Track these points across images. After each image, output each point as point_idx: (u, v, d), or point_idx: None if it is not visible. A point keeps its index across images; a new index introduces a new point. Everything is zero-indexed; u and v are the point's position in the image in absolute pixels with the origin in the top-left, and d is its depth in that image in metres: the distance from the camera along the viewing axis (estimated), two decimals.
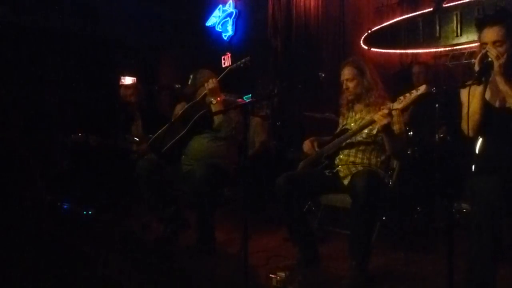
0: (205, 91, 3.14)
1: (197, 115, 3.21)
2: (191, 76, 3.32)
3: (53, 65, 6.66)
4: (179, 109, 3.43)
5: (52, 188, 4.20)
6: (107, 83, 6.75)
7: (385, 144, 2.52)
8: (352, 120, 2.79)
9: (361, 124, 2.64)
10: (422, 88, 2.22)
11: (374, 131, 2.59)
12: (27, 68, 6.38)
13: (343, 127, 2.81)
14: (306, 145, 2.85)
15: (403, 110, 2.34)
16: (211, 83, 3.10)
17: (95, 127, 4.29)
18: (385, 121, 2.31)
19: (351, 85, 2.69)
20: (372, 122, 2.46)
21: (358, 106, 2.77)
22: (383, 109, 2.34)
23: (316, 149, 2.81)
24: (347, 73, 2.70)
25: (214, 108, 3.13)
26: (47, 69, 6.61)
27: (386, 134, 2.43)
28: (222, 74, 3.19)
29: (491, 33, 2.17)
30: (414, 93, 2.24)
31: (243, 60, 3.05)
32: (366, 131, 2.63)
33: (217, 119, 3.16)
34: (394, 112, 2.33)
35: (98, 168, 4.16)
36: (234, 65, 3.09)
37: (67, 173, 4.52)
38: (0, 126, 4.64)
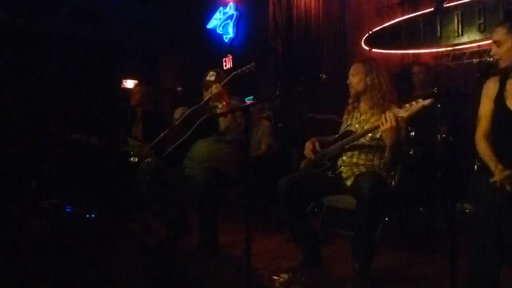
0: (209, 96, 3.14)
1: (200, 120, 3.20)
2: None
3: (55, 69, 6.68)
4: (180, 113, 3.39)
5: (54, 191, 4.21)
6: (109, 86, 6.77)
7: (386, 149, 2.50)
8: (356, 121, 2.78)
9: (366, 128, 2.63)
10: (428, 101, 2.20)
11: (378, 135, 2.56)
12: (29, 72, 6.41)
13: (347, 128, 2.81)
14: (307, 147, 2.84)
15: (407, 119, 2.33)
16: (215, 88, 3.09)
17: (97, 130, 4.29)
18: (388, 126, 2.31)
19: (353, 80, 2.72)
20: (377, 127, 2.45)
21: (363, 106, 2.77)
22: (388, 113, 2.33)
23: (318, 149, 2.80)
24: (352, 68, 2.75)
25: (219, 112, 3.12)
26: (49, 73, 6.63)
27: (387, 139, 2.41)
28: (226, 79, 3.17)
29: (494, 32, 2.16)
30: (421, 103, 2.22)
31: (248, 66, 3.01)
32: (370, 134, 2.62)
33: (223, 123, 3.15)
34: (399, 119, 2.32)
35: (100, 171, 4.16)
36: (239, 70, 3.05)
37: (69, 176, 4.53)
38: (1, 129, 4.66)
